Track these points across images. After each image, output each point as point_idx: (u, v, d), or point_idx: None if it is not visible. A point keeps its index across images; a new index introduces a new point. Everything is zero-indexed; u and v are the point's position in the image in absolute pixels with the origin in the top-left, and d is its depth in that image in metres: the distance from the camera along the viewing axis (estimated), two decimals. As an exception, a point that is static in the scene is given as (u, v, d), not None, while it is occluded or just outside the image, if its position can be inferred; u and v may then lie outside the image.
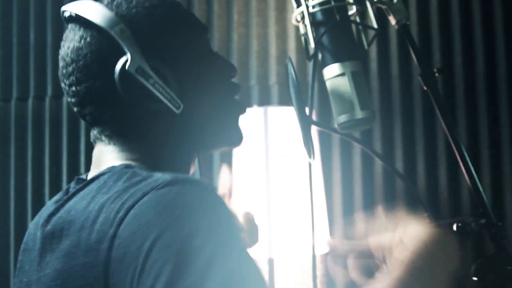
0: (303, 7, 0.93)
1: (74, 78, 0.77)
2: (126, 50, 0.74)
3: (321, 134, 1.61)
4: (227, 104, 0.85)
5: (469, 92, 1.73)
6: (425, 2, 1.77)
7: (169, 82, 0.76)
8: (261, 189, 1.41)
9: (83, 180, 0.79)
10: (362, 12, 0.99)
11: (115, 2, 0.78)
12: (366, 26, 0.98)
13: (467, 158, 0.89)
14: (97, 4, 0.78)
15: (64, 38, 0.80)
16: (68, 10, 0.79)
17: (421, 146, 1.73)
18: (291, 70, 0.91)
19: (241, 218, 1.15)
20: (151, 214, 0.63)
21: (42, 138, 1.86)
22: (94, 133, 0.82)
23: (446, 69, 1.72)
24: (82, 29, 0.77)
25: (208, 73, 0.83)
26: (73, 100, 0.79)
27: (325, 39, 0.93)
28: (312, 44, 0.93)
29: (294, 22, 1.00)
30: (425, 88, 0.94)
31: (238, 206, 1.23)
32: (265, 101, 1.78)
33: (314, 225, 1.05)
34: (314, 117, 1.44)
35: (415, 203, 1.67)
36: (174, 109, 0.76)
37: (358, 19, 0.99)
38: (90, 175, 0.80)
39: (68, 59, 0.78)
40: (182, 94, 0.77)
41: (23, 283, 0.77)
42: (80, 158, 1.84)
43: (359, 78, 0.92)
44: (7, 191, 1.86)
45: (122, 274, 0.63)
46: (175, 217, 0.62)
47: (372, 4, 0.97)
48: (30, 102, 1.87)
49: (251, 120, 1.45)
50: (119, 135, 0.79)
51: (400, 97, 1.75)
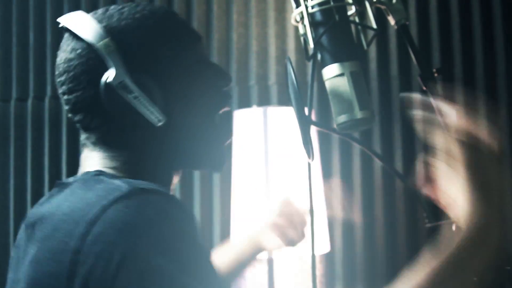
0: (302, 8, 0.93)
1: (66, 88, 0.81)
2: (110, 64, 0.76)
3: (320, 134, 1.61)
4: (214, 128, 0.86)
5: (468, 92, 1.73)
6: (424, 2, 1.77)
7: (153, 95, 0.78)
8: (260, 189, 1.41)
9: (61, 184, 0.81)
10: (361, 12, 0.99)
11: (108, 13, 0.82)
12: (366, 26, 0.98)
13: (467, 158, 0.89)
14: (87, 16, 0.81)
15: (60, 46, 0.84)
16: (61, 22, 0.82)
17: (420, 146, 1.73)
18: (291, 70, 0.91)
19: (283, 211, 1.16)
20: (113, 234, 0.65)
21: (42, 138, 1.86)
22: (82, 138, 0.85)
23: (446, 69, 1.72)
24: (74, 40, 0.80)
25: (196, 86, 0.84)
26: (66, 107, 0.84)
27: (324, 39, 0.93)
28: (311, 44, 0.93)
29: (293, 22, 1.00)
30: (424, 88, 0.94)
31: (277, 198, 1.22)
32: (264, 101, 1.78)
33: (313, 225, 1.05)
34: (313, 117, 1.44)
35: (415, 203, 1.68)
36: (154, 122, 0.78)
37: (357, 19, 0.99)
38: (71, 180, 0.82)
39: (61, 69, 0.82)
40: (167, 108, 0.79)
41: (10, 279, 0.79)
42: (79, 158, 1.84)
43: (359, 78, 0.92)
44: (7, 191, 1.86)
45: None
46: (135, 237, 0.65)
47: (371, 4, 0.97)
48: (29, 102, 1.87)
49: (251, 120, 1.45)
50: (103, 143, 0.82)
51: (399, 97, 1.75)
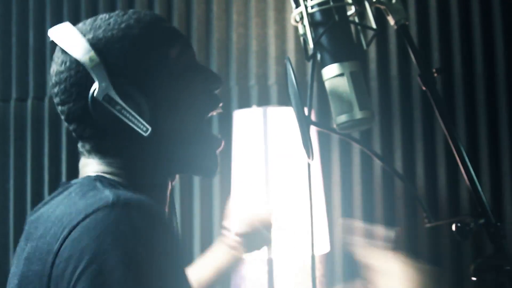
0: (302, 8, 0.93)
1: (58, 99, 0.84)
2: (94, 78, 0.78)
3: (320, 134, 1.61)
4: (203, 136, 0.87)
5: (468, 92, 1.73)
6: (424, 2, 1.77)
7: (139, 106, 0.79)
8: (260, 189, 1.41)
9: (64, 185, 0.83)
10: (361, 12, 0.99)
11: (95, 24, 0.83)
12: (365, 27, 0.98)
13: (466, 158, 0.89)
14: (73, 30, 0.81)
15: (53, 57, 0.85)
16: (50, 35, 0.83)
17: (420, 146, 1.73)
18: (290, 70, 0.91)
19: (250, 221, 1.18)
20: (86, 241, 0.66)
21: (42, 139, 1.86)
22: (78, 146, 0.87)
23: (445, 69, 1.72)
24: (64, 53, 0.82)
25: (185, 93, 0.85)
26: (61, 116, 0.86)
27: (324, 40, 0.93)
28: (311, 44, 0.93)
29: (293, 22, 1.00)
30: (424, 88, 0.94)
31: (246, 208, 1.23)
32: (264, 101, 1.78)
33: (313, 225, 1.05)
34: (313, 117, 1.44)
35: (414, 203, 1.68)
36: (142, 132, 0.79)
37: (357, 19, 0.99)
38: None
39: (53, 81, 0.83)
40: (155, 117, 0.80)
41: (10, 273, 0.81)
42: (79, 159, 1.84)
43: (358, 78, 0.92)
44: (7, 192, 1.86)
45: None
46: (105, 247, 0.65)
47: (371, 4, 0.97)
48: (29, 102, 1.87)
49: (251, 120, 1.45)
50: (97, 151, 0.84)
51: (399, 97, 1.75)
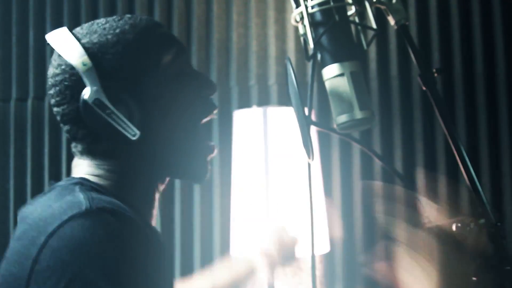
0: (302, 8, 0.93)
1: (54, 101, 0.85)
2: (86, 82, 0.79)
3: (320, 134, 1.61)
4: (195, 129, 0.88)
5: (468, 92, 1.73)
6: (424, 2, 1.77)
7: (130, 111, 0.80)
8: (260, 189, 1.41)
9: (51, 185, 0.84)
10: (361, 12, 0.99)
11: (91, 29, 0.84)
12: (365, 27, 0.98)
13: (466, 158, 0.89)
14: (69, 34, 0.83)
15: (51, 60, 0.86)
16: (47, 39, 0.84)
17: (420, 146, 1.73)
18: (290, 71, 0.91)
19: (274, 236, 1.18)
20: (65, 253, 0.68)
21: (42, 139, 1.86)
22: (72, 147, 0.88)
23: (445, 69, 1.72)
24: (60, 57, 0.83)
25: (178, 98, 0.86)
26: (57, 118, 0.86)
27: (324, 40, 0.93)
28: (311, 44, 0.93)
29: (293, 22, 1.00)
30: (424, 88, 0.94)
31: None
32: (264, 101, 1.78)
33: (313, 225, 1.05)
34: (313, 117, 1.44)
35: (414, 203, 1.68)
36: (130, 136, 0.80)
37: (357, 20, 0.99)
38: None
39: (49, 83, 0.85)
40: (146, 122, 0.81)
41: None
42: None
43: (358, 78, 0.92)
44: (7, 192, 1.86)
45: None
46: (86, 259, 0.67)
47: (371, 4, 0.97)
48: (29, 102, 1.87)
49: (251, 120, 1.45)
50: (89, 152, 0.86)
51: (399, 97, 1.75)
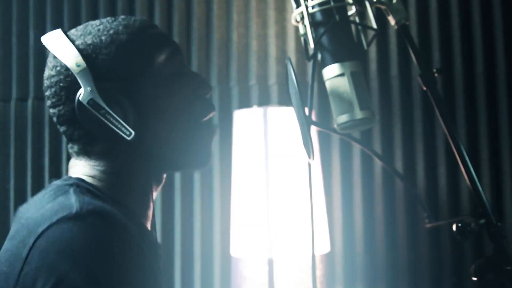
0: (303, 8, 0.93)
1: (50, 102, 0.86)
2: (80, 84, 0.80)
3: (320, 134, 1.61)
4: (194, 128, 0.88)
5: (468, 92, 1.73)
6: (424, 2, 1.77)
7: (124, 111, 0.81)
8: (261, 189, 1.41)
9: (50, 183, 0.84)
10: (362, 12, 0.99)
11: (85, 30, 0.85)
12: (366, 27, 0.98)
13: (467, 158, 0.89)
14: (64, 36, 0.84)
15: (46, 62, 0.87)
16: (42, 41, 0.86)
17: (420, 146, 1.73)
18: (291, 70, 0.91)
19: None
20: (52, 255, 0.68)
21: (42, 139, 1.86)
22: (68, 147, 0.89)
23: (446, 69, 1.72)
24: (55, 58, 0.84)
25: (172, 98, 0.86)
26: (53, 119, 0.87)
27: (324, 40, 0.93)
28: (311, 44, 0.93)
29: (293, 22, 1.00)
30: (424, 88, 0.94)
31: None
32: (264, 101, 1.78)
33: (313, 225, 1.05)
34: (313, 117, 1.44)
35: (414, 203, 1.68)
36: (125, 136, 0.80)
37: (357, 20, 0.99)
38: None
39: (45, 85, 0.86)
40: (141, 122, 0.82)
41: None
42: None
43: (359, 78, 0.92)
44: (7, 192, 1.86)
45: None
46: (72, 262, 0.67)
47: (371, 4, 0.97)
48: (29, 102, 1.87)
49: (251, 120, 1.46)
50: (84, 153, 0.86)
51: (399, 97, 1.75)
